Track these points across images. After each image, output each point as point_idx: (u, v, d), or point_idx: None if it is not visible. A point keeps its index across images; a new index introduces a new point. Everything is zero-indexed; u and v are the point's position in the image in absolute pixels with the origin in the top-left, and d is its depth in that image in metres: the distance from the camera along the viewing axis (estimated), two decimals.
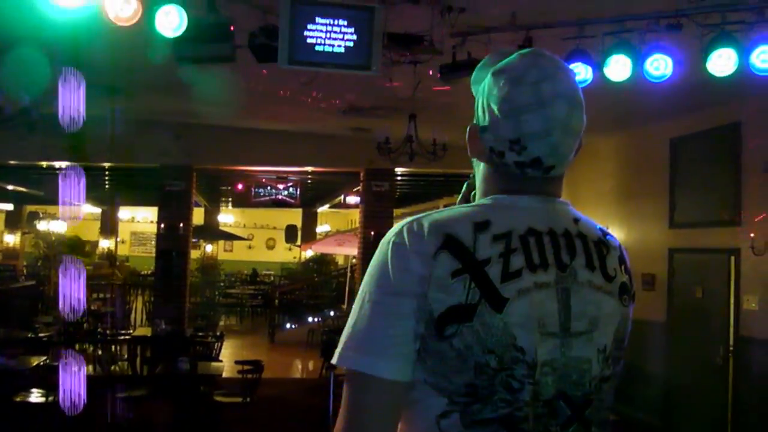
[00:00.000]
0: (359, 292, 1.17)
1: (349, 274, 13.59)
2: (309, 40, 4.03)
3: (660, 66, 4.37)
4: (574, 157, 1.25)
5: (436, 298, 1.09)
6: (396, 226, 1.18)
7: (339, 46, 4.05)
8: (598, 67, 4.42)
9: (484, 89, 1.26)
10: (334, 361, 1.13)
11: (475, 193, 1.35)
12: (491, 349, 1.09)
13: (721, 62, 4.20)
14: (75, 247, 18.41)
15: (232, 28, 4.14)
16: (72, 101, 5.40)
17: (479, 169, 1.32)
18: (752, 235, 6.18)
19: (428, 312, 1.10)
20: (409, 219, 1.18)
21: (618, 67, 4.38)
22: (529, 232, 1.17)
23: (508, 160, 1.21)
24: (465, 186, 1.41)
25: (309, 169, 12.10)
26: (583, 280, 1.19)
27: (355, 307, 1.15)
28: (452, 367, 1.10)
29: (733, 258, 6.60)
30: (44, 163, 11.31)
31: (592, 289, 1.20)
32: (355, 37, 4.05)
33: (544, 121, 1.17)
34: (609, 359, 1.21)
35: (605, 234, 1.29)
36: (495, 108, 1.21)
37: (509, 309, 1.10)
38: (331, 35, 4.04)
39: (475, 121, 1.29)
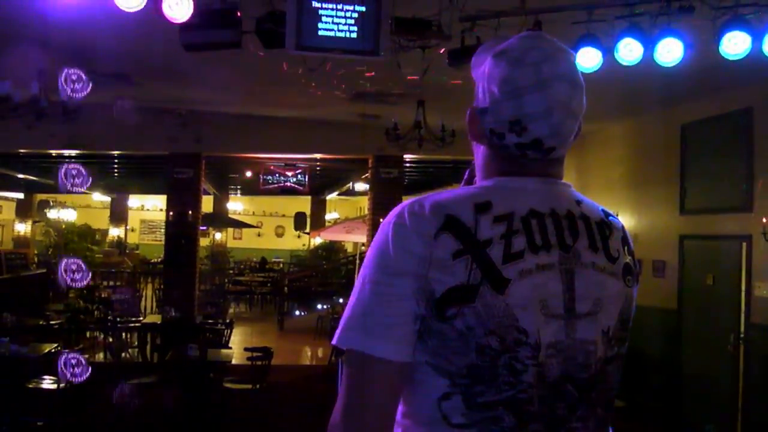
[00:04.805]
0: (360, 273, 1.16)
1: (357, 262, 13.61)
2: (316, 26, 4.01)
3: (671, 50, 4.31)
4: (573, 140, 1.23)
5: (437, 279, 1.09)
6: (397, 207, 1.17)
7: (346, 31, 4.03)
8: (608, 51, 4.36)
9: (484, 72, 1.25)
10: (334, 341, 1.12)
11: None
12: (493, 330, 1.08)
13: (734, 46, 4.15)
14: (85, 235, 18.49)
15: (239, 13, 4.12)
16: (79, 89, 5.39)
17: (479, 152, 1.30)
18: (765, 221, 6.12)
19: (429, 293, 1.09)
20: (410, 200, 1.17)
21: (628, 52, 4.33)
22: (531, 213, 1.16)
23: (508, 142, 1.20)
24: (468, 172, 1.40)
25: (317, 156, 12.09)
26: (586, 262, 1.18)
27: (356, 287, 1.15)
28: (454, 349, 1.09)
29: (744, 245, 6.55)
30: (53, 152, 11.34)
31: (595, 271, 1.19)
32: (362, 22, 4.02)
33: (544, 102, 1.16)
34: (613, 340, 1.21)
35: (608, 215, 1.28)
36: (495, 89, 1.20)
37: (511, 290, 1.09)
38: (338, 20, 4.01)
39: (475, 104, 1.27)
